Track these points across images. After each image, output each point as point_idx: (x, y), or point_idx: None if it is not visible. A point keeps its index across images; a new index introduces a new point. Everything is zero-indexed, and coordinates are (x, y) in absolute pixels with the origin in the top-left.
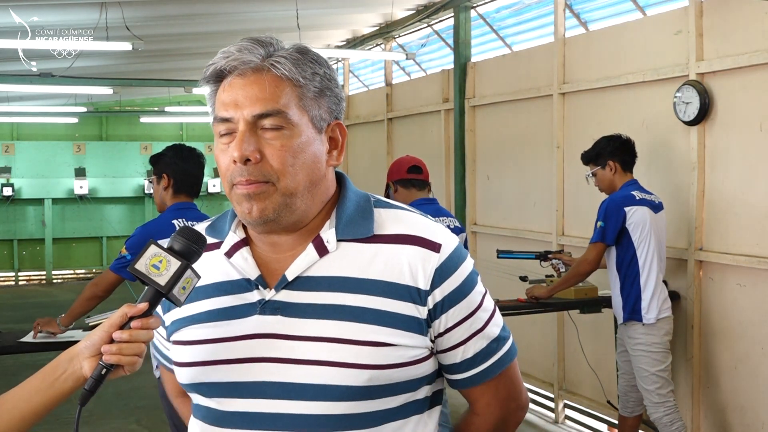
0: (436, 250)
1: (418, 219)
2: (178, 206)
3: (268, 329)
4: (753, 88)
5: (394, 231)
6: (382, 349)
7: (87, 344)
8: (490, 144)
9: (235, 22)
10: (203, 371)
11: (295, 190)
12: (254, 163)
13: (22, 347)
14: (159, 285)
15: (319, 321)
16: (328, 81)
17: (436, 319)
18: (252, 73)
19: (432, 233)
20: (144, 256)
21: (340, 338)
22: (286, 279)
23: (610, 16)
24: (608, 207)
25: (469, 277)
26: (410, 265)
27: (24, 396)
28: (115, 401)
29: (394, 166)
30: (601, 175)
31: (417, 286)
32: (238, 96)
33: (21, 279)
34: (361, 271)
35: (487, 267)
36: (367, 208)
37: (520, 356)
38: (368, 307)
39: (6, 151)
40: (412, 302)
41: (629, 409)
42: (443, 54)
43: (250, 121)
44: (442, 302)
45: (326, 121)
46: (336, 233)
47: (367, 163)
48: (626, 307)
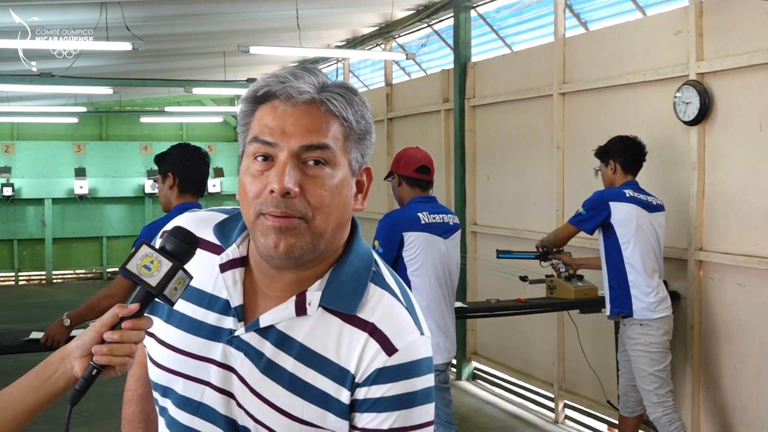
0: (389, 352)
1: (399, 315)
2: (184, 206)
3: (230, 362)
4: (753, 88)
5: (370, 318)
6: (307, 428)
7: (78, 344)
8: (490, 144)
9: (235, 22)
10: (170, 378)
11: (324, 231)
12: (293, 197)
13: (22, 347)
14: (150, 286)
15: (271, 382)
16: (370, 125)
17: (354, 411)
18: (305, 104)
19: (398, 335)
20: (136, 256)
21: (279, 408)
22: (258, 323)
23: (610, 16)
24: (596, 198)
25: (414, 396)
26: (359, 352)
27: (16, 395)
28: (115, 401)
29: (404, 159)
30: (603, 172)
31: (354, 373)
32: (287, 124)
33: (21, 279)
34: (325, 347)
35: (487, 267)
36: (363, 281)
37: (521, 356)
38: (315, 386)
39: (6, 151)
40: (346, 389)
41: (629, 409)
42: (443, 54)
43: (296, 152)
44: (363, 401)
45: (359, 164)
46: (321, 298)
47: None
48: (612, 300)
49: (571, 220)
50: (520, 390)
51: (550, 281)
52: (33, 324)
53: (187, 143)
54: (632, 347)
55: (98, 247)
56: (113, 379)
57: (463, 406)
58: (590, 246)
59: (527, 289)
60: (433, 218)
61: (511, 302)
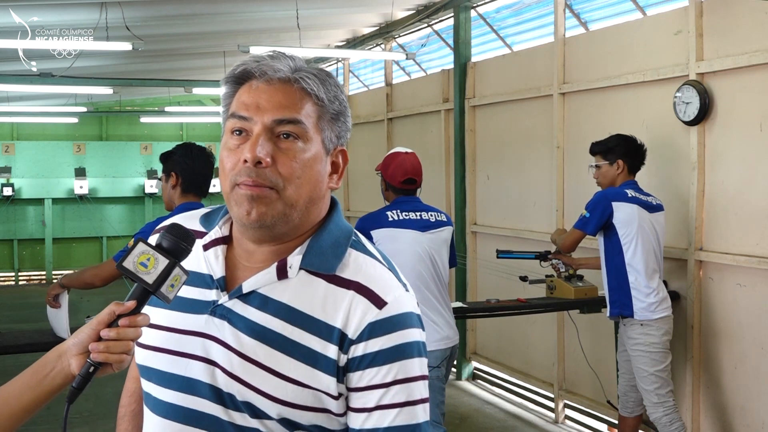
0: (379, 305)
1: (381, 273)
2: (186, 206)
3: (213, 331)
4: (753, 88)
5: (352, 277)
6: (299, 388)
7: (75, 341)
8: (490, 144)
9: (235, 22)
10: (152, 356)
11: (296, 202)
12: (264, 166)
13: (22, 347)
14: (146, 283)
15: (256, 343)
16: (344, 107)
17: (352, 371)
18: (279, 82)
19: (385, 290)
20: (132, 253)
21: (264, 365)
22: (241, 290)
23: (610, 16)
24: (598, 199)
25: (406, 347)
26: (348, 311)
27: (14, 393)
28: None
29: (393, 168)
30: (606, 170)
31: (345, 331)
32: (261, 100)
33: (21, 279)
34: (308, 306)
35: (487, 267)
36: (342, 246)
37: (521, 356)
38: (301, 343)
39: (6, 151)
40: (336, 345)
41: (629, 409)
42: (443, 54)
43: (269, 125)
44: (362, 357)
45: (334, 145)
46: (301, 261)
47: (366, 163)
48: (613, 302)
49: (576, 224)
50: (520, 390)
51: (550, 281)
52: (33, 324)
53: (192, 143)
54: (633, 347)
55: (98, 247)
56: (112, 378)
57: (463, 406)
58: (590, 246)
59: (527, 289)
60: (405, 215)
61: (511, 302)
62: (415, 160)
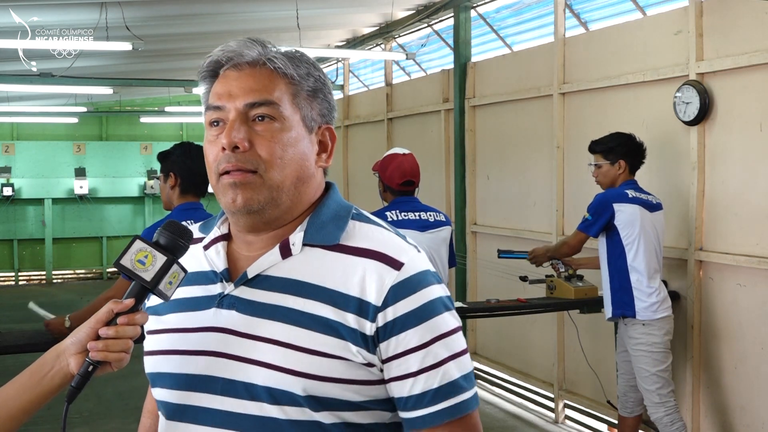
0: (396, 267)
1: (390, 237)
2: (185, 206)
3: (222, 323)
4: (753, 88)
5: (361, 245)
6: (319, 358)
7: (73, 340)
8: (490, 144)
9: (235, 22)
10: (162, 360)
11: (281, 184)
12: (243, 151)
13: (22, 347)
14: (145, 280)
15: (268, 321)
16: (322, 84)
17: (384, 340)
18: (248, 67)
19: (398, 252)
20: (129, 251)
21: (282, 341)
22: (246, 275)
23: (610, 16)
24: (599, 201)
25: (433, 304)
26: (365, 278)
27: (12, 394)
28: (114, 401)
29: (391, 170)
30: (607, 170)
31: (367, 299)
32: (233, 87)
33: (21, 279)
34: (317, 277)
35: (486, 267)
36: (343, 218)
37: (521, 356)
38: (314, 313)
39: (6, 151)
40: (357, 314)
41: (629, 409)
42: (443, 54)
43: (242, 110)
44: (393, 323)
45: (317, 123)
46: (303, 237)
47: (366, 163)
48: (615, 302)
49: (580, 226)
50: (520, 390)
51: (550, 281)
52: (33, 324)
53: (190, 142)
54: (634, 347)
55: (98, 247)
56: (112, 378)
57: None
58: (589, 246)
59: (527, 289)
60: (404, 215)
61: (511, 302)
62: (413, 162)
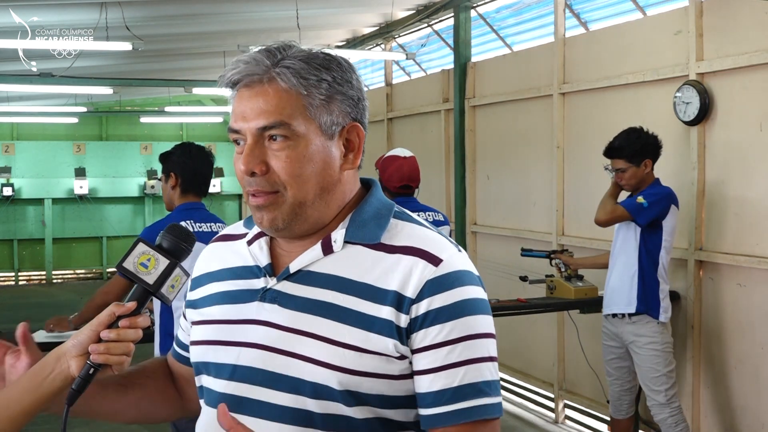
0: (435, 263)
1: (431, 235)
2: (186, 206)
3: (264, 316)
4: (753, 88)
5: (403, 243)
6: (359, 354)
7: (74, 343)
8: (490, 144)
9: (235, 22)
10: (206, 350)
11: (304, 200)
12: (260, 175)
13: None
14: (147, 284)
15: (309, 316)
16: (337, 85)
17: (415, 331)
18: (257, 85)
19: (438, 249)
20: (132, 254)
21: (320, 335)
22: (288, 270)
23: (610, 16)
24: (663, 194)
25: (467, 303)
26: (404, 273)
27: (14, 396)
28: None
29: (389, 172)
30: (634, 172)
31: (403, 293)
32: (245, 108)
33: (21, 279)
34: (358, 274)
35: (487, 267)
36: (385, 216)
37: (521, 356)
38: (352, 309)
39: (6, 151)
40: (393, 307)
41: (623, 411)
42: (443, 54)
43: (256, 133)
44: (425, 315)
45: (340, 125)
46: (345, 235)
47: (367, 163)
48: (641, 299)
49: (628, 206)
50: (520, 390)
51: (550, 281)
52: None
53: (191, 143)
54: (645, 346)
55: (98, 247)
56: None
57: None
58: (590, 246)
59: (527, 289)
60: None
61: (511, 302)
62: (413, 166)
